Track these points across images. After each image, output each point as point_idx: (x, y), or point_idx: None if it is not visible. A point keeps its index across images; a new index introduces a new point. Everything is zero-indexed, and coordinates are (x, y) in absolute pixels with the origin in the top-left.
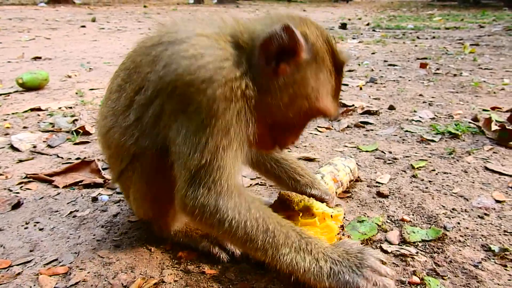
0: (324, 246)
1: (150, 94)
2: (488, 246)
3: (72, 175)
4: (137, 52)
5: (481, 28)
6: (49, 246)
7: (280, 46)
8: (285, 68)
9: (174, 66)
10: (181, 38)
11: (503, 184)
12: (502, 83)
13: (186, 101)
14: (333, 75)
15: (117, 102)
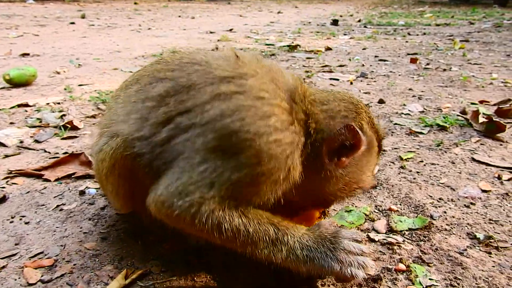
0: (300, 234)
1: (197, 122)
2: (474, 234)
3: (61, 169)
4: (195, 69)
5: (471, 25)
6: (34, 239)
7: (343, 143)
8: (345, 161)
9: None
10: (263, 97)
11: (489, 174)
12: (491, 78)
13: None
14: (377, 155)
15: (151, 112)
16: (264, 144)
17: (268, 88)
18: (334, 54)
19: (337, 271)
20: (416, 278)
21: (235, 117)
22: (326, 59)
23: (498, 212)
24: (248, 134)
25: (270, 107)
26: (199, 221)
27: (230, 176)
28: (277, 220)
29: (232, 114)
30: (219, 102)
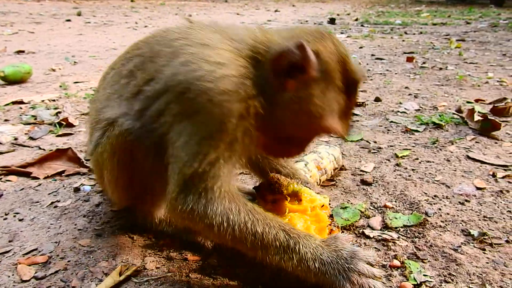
0: (313, 245)
1: (159, 88)
2: (468, 231)
3: (49, 165)
4: (157, 41)
5: (467, 24)
6: (28, 236)
7: (290, 63)
8: (292, 83)
9: (195, 66)
10: (208, 43)
11: (484, 172)
12: (486, 77)
13: (196, 107)
14: (343, 94)
15: (125, 88)
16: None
17: (212, 37)
18: None
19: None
20: (410, 274)
21: (184, 69)
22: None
23: (492, 209)
24: (197, 79)
25: (214, 50)
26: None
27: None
28: (289, 227)
29: (181, 67)
30: (172, 60)
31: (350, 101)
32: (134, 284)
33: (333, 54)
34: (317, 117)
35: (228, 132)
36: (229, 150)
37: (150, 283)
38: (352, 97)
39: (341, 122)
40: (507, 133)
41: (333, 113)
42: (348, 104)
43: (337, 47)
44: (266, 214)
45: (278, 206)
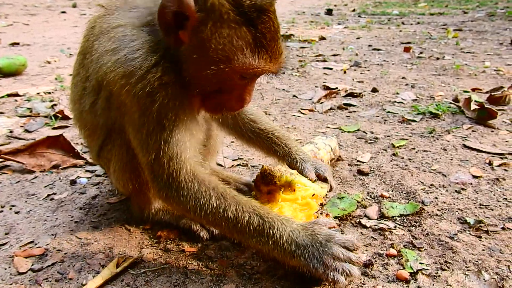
0: (290, 228)
1: (94, 84)
2: (464, 219)
3: (41, 153)
4: (86, 37)
5: (464, 14)
6: (25, 228)
7: (172, 13)
8: (184, 34)
9: (101, 61)
10: (106, 28)
11: (480, 160)
12: (483, 66)
13: (117, 99)
14: (243, 26)
15: (76, 87)
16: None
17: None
18: (328, 44)
19: (320, 273)
20: (407, 263)
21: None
22: (320, 49)
23: (488, 197)
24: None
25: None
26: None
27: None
28: (264, 211)
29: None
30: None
31: (259, 31)
32: (131, 275)
33: None
34: (225, 59)
35: (147, 112)
36: (162, 128)
37: (147, 274)
38: (259, 26)
39: (258, 58)
40: (504, 121)
41: (240, 51)
42: (258, 34)
43: None
44: (239, 199)
45: (273, 196)
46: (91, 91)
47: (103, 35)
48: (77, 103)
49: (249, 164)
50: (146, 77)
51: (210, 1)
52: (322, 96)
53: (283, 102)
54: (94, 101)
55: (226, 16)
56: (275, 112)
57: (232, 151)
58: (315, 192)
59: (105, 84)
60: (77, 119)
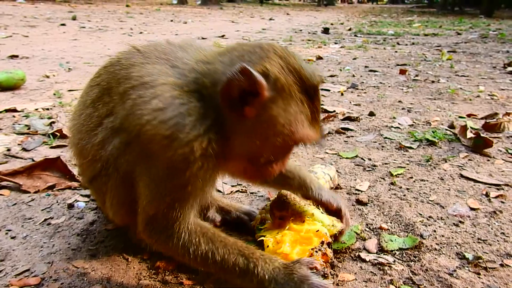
0: (271, 267)
1: (117, 125)
2: (463, 254)
3: (38, 175)
4: (110, 73)
5: (458, 35)
6: (21, 255)
7: (240, 90)
8: (250, 110)
9: (139, 113)
10: (147, 82)
11: (477, 191)
12: (478, 90)
13: (147, 152)
14: (305, 102)
15: (90, 118)
16: (155, 128)
17: (151, 72)
18: (325, 64)
19: None
20: None
21: (132, 114)
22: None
23: (486, 231)
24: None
25: (155, 90)
26: (172, 245)
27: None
28: (249, 252)
29: (130, 111)
30: (123, 102)
31: (314, 107)
32: None
33: (283, 67)
34: (287, 133)
35: (178, 175)
36: (184, 192)
37: None
38: (315, 101)
39: (312, 129)
40: (499, 149)
41: (301, 124)
42: (313, 109)
43: (284, 58)
44: (226, 241)
45: (283, 222)
46: (110, 129)
47: (144, 88)
48: (85, 134)
49: (248, 190)
50: (190, 146)
51: (280, 81)
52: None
53: None
54: (108, 139)
55: (294, 94)
56: None
57: None
58: (320, 228)
59: (137, 134)
60: (79, 149)
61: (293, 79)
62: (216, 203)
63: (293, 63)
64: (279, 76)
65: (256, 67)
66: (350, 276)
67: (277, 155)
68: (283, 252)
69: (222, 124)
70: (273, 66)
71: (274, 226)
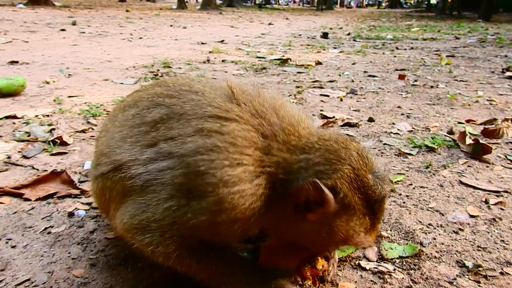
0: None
1: (174, 153)
2: (463, 262)
3: (42, 187)
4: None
5: (456, 40)
6: (21, 265)
7: (308, 199)
8: (312, 216)
9: (215, 164)
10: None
11: (476, 198)
12: (477, 95)
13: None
14: (368, 216)
15: (145, 136)
16: (227, 194)
17: (245, 135)
18: (324, 69)
19: None
20: None
21: (206, 157)
22: (317, 74)
23: (486, 239)
24: (213, 178)
25: (240, 156)
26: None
27: (191, 218)
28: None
29: (204, 153)
30: (199, 138)
31: (376, 218)
32: None
33: (351, 182)
34: (344, 240)
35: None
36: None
37: None
38: (378, 214)
39: (367, 237)
40: (498, 156)
41: (358, 234)
42: (375, 220)
43: (355, 171)
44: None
45: None
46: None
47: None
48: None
49: None
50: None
51: (347, 199)
52: (320, 126)
53: None
54: (154, 159)
55: (358, 210)
56: None
57: None
58: None
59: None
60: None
61: (359, 195)
62: None
63: (363, 175)
64: (346, 192)
65: (327, 182)
66: (350, 285)
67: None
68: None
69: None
70: (344, 181)
71: None
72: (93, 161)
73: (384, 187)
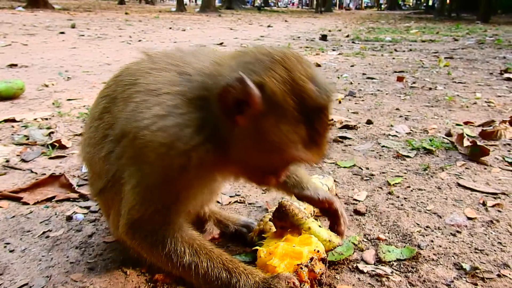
0: (252, 281)
1: (117, 134)
2: (460, 265)
3: (40, 191)
4: (118, 82)
5: (455, 41)
6: (19, 269)
7: (235, 98)
8: (242, 119)
9: (139, 116)
10: (153, 89)
11: (474, 200)
12: (475, 97)
13: (142, 157)
14: (302, 123)
15: (97, 131)
16: (153, 134)
17: (158, 79)
18: (323, 71)
19: None
20: None
21: (132, 118)
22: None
23: (483, 241)
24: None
25: (158, 98)
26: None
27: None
28: (232, 266)
29: (131, 115)
30: (125, 107)
31: (315, 129)
32: None
33: (283, 82)
34: (276, 151)
35: (171, 184)
36: (175, 199)
37: None
38: (316, 123)
39: (309, 151)
40: (496, 158)
41: (294, 145)
42: (313, 132)
43: (290, 73)
44: (211, 253)
45: (282, 232)
46: (113, 140)
47: (150, 95)
48: (93, 148)
49: (247, 201)
50: (187, 154)
51: (276, 98)
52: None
53: None
54: (112, 151)
55: (289, 113)
56: None
57: (229, 186)
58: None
59: (132, 138)
60: (88, 161)
61: (292, 97)
62: (214, 216)
63: (299, 78)
64: (276, 91)
65: (254, 78)
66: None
67: (271, 168)
68: (272, 264)
69: (221, 132)
70: (274, 79)
71: (275, 235)
72: None
73: (323, 95)
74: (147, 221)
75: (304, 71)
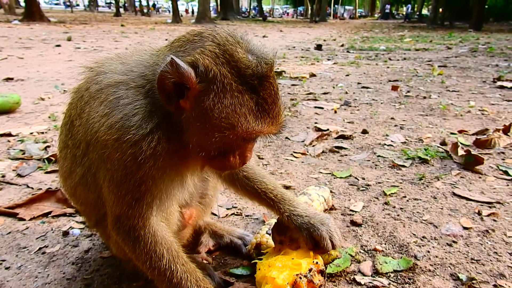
0: None
1: (83, 147)
2: (457, 275)
3: (37, 206)
4: (71, 104)
5: (448, 50)
6: (15, 286)
7: (172, 82)
8: (185, 103)
9: (91, 123)
10: (96, 90)
11: (469, 210)
12: (468, 106)
13: (103, 157)
14: (246, 94)
15: (66, 160)
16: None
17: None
18: (318, 81)
19: None
20: None
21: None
22: (311, 86)
23: (479, 251)
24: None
25: (100, 94)
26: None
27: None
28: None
29: (86, 123)
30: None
31: (261, 98)
32: None
33: (216, 57)
34: (226, 127)
35: (133, 177)
36: (140, 189)
37: None
38: (261, 92)
39: (261, 122)
40: (490, 166)
41: (244, 117)
42: (260, 101)
43: (223, 46)
44: (187, 266)
45: (282, 247)
46: (81, 158)
47: (94, 100)
48: (68, 178)
49: (243, 213)
50: (139, 145)
51: (211, 73)
52: (314, 139)
53: (276, 145)
54: (84, 173)
55: (229, 86)
56: (268, 156)
57: (226, 198)
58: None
59: (94, 143)
60: (70, 195)
61: (228, 69)
62: (209, 227)
63: (232, 50)
64: (210, 66)
65: (186, 58)
66: None
67: (226, 148)
68: (271, 276)
69: (172, 120)
70: (206, 56)
71: (275, 250)
72: None
73: (261, 63)
74: (127, 216)
75: (236, 43)
